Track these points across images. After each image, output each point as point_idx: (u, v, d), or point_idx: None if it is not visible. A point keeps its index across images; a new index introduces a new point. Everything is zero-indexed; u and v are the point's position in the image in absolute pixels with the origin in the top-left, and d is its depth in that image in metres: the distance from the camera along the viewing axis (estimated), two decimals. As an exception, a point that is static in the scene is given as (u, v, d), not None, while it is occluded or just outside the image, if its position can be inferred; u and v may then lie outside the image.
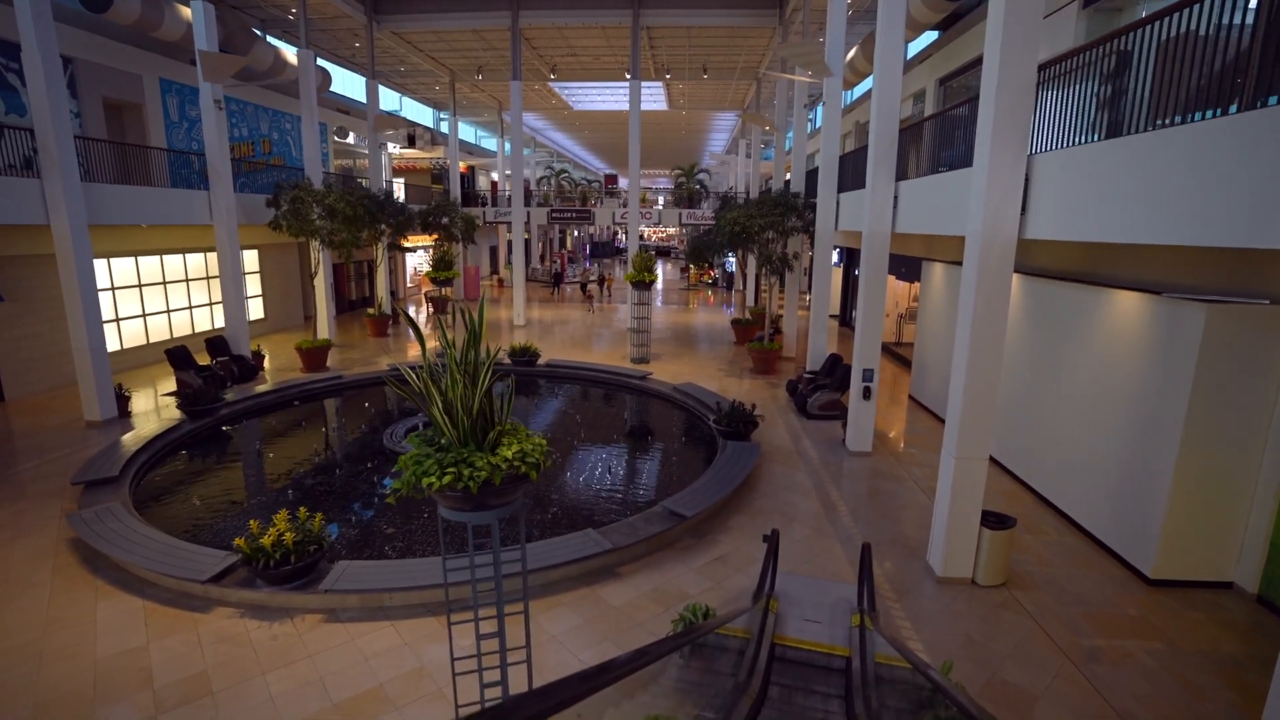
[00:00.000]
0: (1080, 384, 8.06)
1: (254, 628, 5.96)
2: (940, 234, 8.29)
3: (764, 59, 24.63)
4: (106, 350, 11.83)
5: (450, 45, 23.43)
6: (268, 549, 6.19)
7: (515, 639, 4.54)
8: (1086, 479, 7.86)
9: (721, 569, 7.13)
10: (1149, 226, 4.55)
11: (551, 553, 6.82)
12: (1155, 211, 4.49)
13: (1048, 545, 7.65)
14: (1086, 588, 6.72)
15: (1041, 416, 8.88)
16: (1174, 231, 4.36)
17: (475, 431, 3.78)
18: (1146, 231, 4.58)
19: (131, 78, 15.99)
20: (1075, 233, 5.31)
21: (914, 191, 9.38)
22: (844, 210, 13.19)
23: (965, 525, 6.69)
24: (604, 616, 6.19)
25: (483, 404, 3.78)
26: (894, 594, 6.64)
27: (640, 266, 16.66)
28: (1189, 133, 4.27)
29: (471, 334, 3.75)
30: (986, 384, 6.39)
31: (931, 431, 11.94)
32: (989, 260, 6.17)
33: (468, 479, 3.53)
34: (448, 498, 3.67)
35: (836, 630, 5.74)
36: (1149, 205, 4.55)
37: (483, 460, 3.60)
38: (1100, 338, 7.73)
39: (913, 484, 9.51)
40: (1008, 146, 5.92)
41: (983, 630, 6.03)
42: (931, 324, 13.11)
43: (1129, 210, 4.76)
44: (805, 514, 8.49)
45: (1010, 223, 6.09)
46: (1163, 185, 4.43)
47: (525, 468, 3.68)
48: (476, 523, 3.79)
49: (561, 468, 10.47)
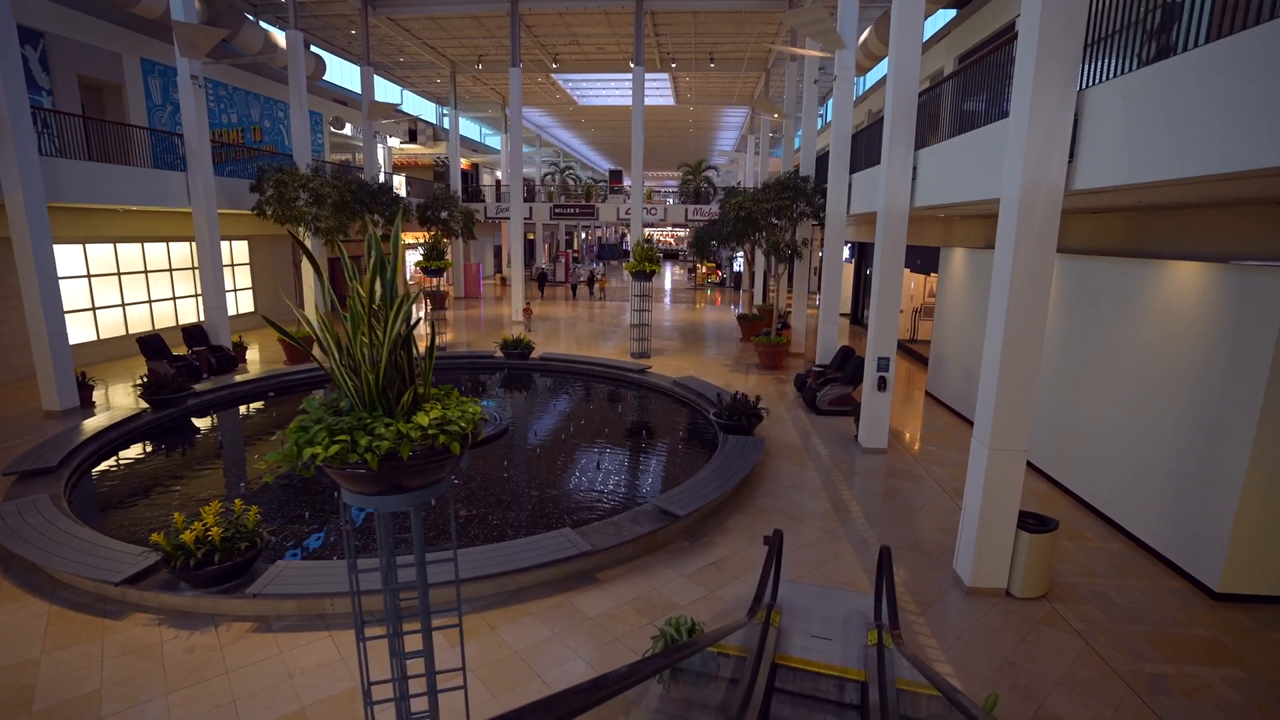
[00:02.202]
0: (1126, 371, 7.12)
1: (170, 638, 5.13)
2: (968, 201, 7.40)
3: (773, 47, 23.82)
4: (67, 337, 11.10)
5: (449, 32, 22.76)
6: (190, 546, 5.36)
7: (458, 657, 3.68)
8: (1134, 478, 6.91)
9: (717, 575, 6.23)
10: (1255, 147, 3.55)
11: (520, 554, 5.96)
12: (1263, 123, 3.48)
13: (1090, 553, 6.70)
14: (1141, 602, 5.77)
15: (1079, 409, 7.93)
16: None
17: (384, 393, 2.95)
18: (1255, 153, 3.55)
19: (110, 56, 15.36)
20: (1144, 171, 4.39)
21: (936, 158, 8.48)
22: (857, 191, 12.29)
23: (999, 527, 5.77)
24: (577, 629, 5.31)
25: (395, 357, 2.95)
26: (916, 606, 5.73)
27: (641, 256, 15.83)
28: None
29: (378, 261, 2.91)
30: (1026, 363, 5.48)
31: (951, 429, 10.99)
32: (1030, 219, 5.26)
33: (364, 450, 2.68)
34: (346, 476, 2.83)
35: (850, 649, 4.84)
36: (1256, 116, 3.54)
37: (388, 427, 2.76)
38: (1150, 318, 6.80)
39: (933, 483, 8.58)
40: (1053, 82, 5.03)
41: (1023, 651, 5.10)
42: (951, 313, 12.17)
43: (1228, 128, 3.76)
44: (814, 514, 7.59)
45: (1055, 173, 5.19)
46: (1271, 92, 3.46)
47: (445, 438, 2.82)
48: (386, 509, 2.94)
49: (546, 463, 9.61)
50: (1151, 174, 4.34)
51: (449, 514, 3.27)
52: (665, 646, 4.14)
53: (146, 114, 16.44)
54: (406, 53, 25.40)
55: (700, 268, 40.32)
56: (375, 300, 2.88)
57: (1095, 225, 8.66)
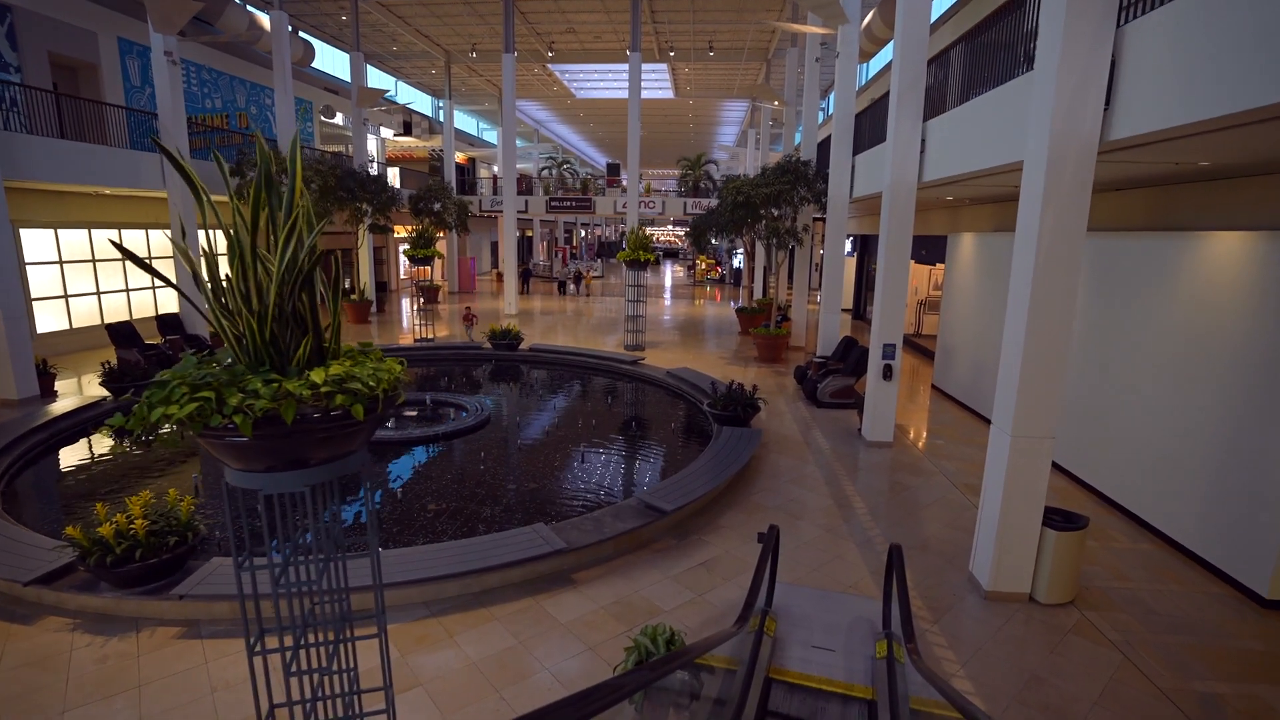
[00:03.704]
0: (1155, 354, 6.50)
1: (82, 645, 4.51)
2: (984, 171, 6.79)
3: (775, 25, 23.22)
4: (26, 323, 10.51)
5: (441, 18, 22.16)
6: (109, 541, 4.75)
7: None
8: (1166, 472, 6.28)
9: (707, 577, 5.61)
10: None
11: (488, 552, 5.35)
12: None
13: (1119, 554, 6.08)
14: (1182, 609, 5.15)
15: (1102, 398, 7.31)
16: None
17: (274, 343, 2.34)
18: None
19: (85, 34, 14.77)
20: (1203, 108, 3.77)
21: (946, 127, 7.87)
22: (860, 173, 11.69)
23: (1022, 525, 5.15)
24: (545, 636, 4.70)
25: (294, 302, 2.35)
26: (928, 613, 5.11)
27: (635, 244, 15.22)
28: None
29: (263, 174, 2.31)
30: (1055, 336, 4.86)
31: (960, 422, 10.37)
32: (1060, 176, 4.65)
33: (232, 412, 2.07)
34: (220, 447, 2.22)
35: (855, 662, 4.23)
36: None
37: (268, 384, 2.15)
38: (1184, 298, 6.17)
39: (943, 478, 7.95)
40: (1086, 17, 4.42)
41: (1052, 664, 4.48)
42: (959, 302, 11.55)
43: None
44: (814, 511, 6.97)
45: (1089, 121, 4.58)
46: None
47: (345, 399, 2.22)
48: (273, 490, 2.33)
49: (527, 456, 9.00)
50: (1212, 109, 3.72)
51: (364, 500, 2.65)
52: (639, 661, 3.53)
53: (124, 96, 15.84)
54: (400, 41, 24.82)
55: (700, 263, 39.72)
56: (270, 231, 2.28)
57: (1117, 203, 8.05)
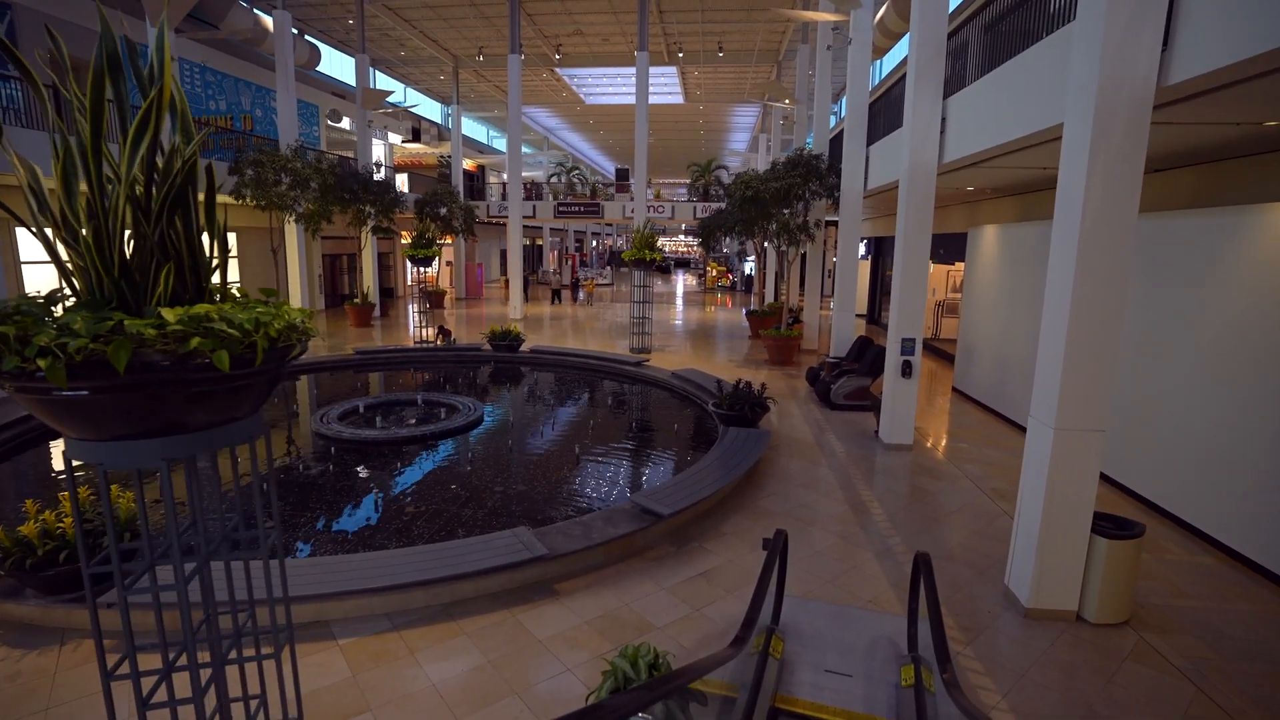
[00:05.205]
0: (1210, 347, 5.83)
1: (-4, 659, 4.00)
2: (1015, 142, 6.20)
3: (784, 37, 22.79)
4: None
5: (448, 21, 21.97)
6: (33, 542, 4.25)
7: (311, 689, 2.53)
8: (1225, 477, 5.59)
9: (707, 589, 5.00)
10: None
11: (461, 558, 4.78)
12: None
13: (1175, 568, 5.38)
14: (1257, 633, 4.45)
15: (1147, 393, 6.62)
16: None
17: (127, 273, 1.82)
18: None
19: (89, 33, 14.60)
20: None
21: (970, 101, 7.30)
22: (875, 163, 11.11)
23: (1068, 532, 4.49)
24: (519, 655, 4.11)
25: (160, 227, 1.82)
26: (959, 633, 4.46)
27: (641, 243, 14.71)
28: None
29: (104, 50, 1.80)
30: (1107, 309, 4.23)
31: (983, 424, 9.68)
32: (1111, 126, 4.04)
33: (35, 353, 1.54)
34: (38, 405, 1.70)
35: (877, 690, 3.61)
36: None
37: (100, 321, 1.62)
38: (1244, 280, 5.51)
39: (968, 483, 7.29)
40: (1141, -54, 3.85)
41: (1110, 696, 3.82)
42: (982, 299, 10.88)
43: None
44: (828, 517, 6.33)
45: (1144, 65, 3.98)
46: None
47: (204, 342, 1.68)
48: (118, 465, 1.80)
49: (521, 457, 8.44)
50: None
51: (253, 486, 2.12)
52: (615, 689, 2.93)
53: (125, 95, 15.65)
54: (407, 46, 24.69)
55: (710, 270, 39.33)
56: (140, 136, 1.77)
57: (1160, 185, 7.42)
